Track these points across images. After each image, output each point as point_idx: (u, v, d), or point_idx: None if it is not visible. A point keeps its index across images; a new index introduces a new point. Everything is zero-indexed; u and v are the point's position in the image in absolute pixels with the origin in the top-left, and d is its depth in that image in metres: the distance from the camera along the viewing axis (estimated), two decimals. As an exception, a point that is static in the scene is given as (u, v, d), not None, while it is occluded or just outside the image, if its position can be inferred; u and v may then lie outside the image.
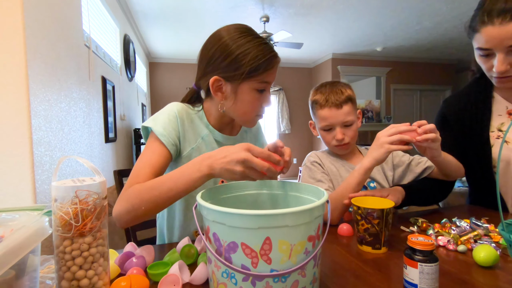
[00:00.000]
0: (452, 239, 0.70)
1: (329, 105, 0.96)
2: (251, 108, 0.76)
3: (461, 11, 3.68)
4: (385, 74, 6.07)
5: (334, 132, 0.98)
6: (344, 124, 0.98)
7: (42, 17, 1.46)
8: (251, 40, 0.71)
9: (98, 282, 0.47)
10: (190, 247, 0.65)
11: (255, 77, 0.72)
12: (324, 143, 1.05)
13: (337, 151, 1.04)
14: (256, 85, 0.73)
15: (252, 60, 0.69)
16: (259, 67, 0.70)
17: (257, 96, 0.75)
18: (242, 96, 0.74)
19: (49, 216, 0.47)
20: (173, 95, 5.77)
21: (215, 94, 0.76)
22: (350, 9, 3.65)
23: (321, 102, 0.98)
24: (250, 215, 0.41)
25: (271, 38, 3.73)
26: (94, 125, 2.23)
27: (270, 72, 0.74)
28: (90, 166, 0.48)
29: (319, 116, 1.00)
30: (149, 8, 3.51)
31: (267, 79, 0.74)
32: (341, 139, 0.97)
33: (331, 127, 0.99)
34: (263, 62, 0.70)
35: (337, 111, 0.96)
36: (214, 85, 0.74)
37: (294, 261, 0.43)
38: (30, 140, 1.29)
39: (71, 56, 1.82)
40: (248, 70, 0.70)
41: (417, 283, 0.49)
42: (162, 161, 0.71)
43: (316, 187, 0.56)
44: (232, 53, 0.70)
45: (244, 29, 0.73)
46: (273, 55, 0.73)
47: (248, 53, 0.70)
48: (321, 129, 1.01)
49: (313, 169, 1.02)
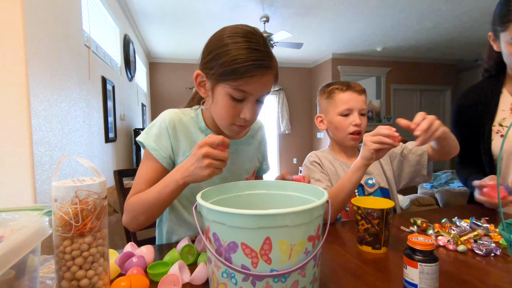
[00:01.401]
0: (452, 239, 0.70)
1: (351, 90, 1.01)
2: (225, 114, 0.70)
3: (461, 11, 3.68)
4: (385, 74, 6.07)
5: (352, 118, 1.00)
6: (361, 112, 1.01)
7: (42, 17, 1.46)
8: (238, 42, 0.64)
9: (98, 282, 0.47)
10: (190, 247, 0.65)
11: (228, 81, 0.65)
12: (336, 133, 1.05)
13: (349, 141, 1.03)
14: (230, 91, 0.66)
15: (227, 62, 0.63)
16: (233, 72, 0.63)
17: (232, 103, 0.68)
18: (217, 98, 0.69)
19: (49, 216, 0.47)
20: (173, 95, 5.77)
21: (198, 89, 0.74)
22: (350, 9, 3.65)
23: (342, 87, 1.02)
24: (250, 215, 0.41)
25: (271, 38, 3.73)
26: (94, 125, 2.23)
27: (249, 81, 0.64)
28: (90, 166, 0.48)
29: (339, 100, 1.02)
30: (149, 8, 3.51)
31: (244, 87, 0.65)
32: (359, 123, 0.99)
33: (350, 112, 1.01)
34: (239, 67, 0.62)
35: (358, 96, 1.01)
36: (197, 79, 0.72)
37: (294, 261, 0.43)
38: (30, 140, 1.29)
39: (71, 56, 1.82)
40: (221, 71, 0.64)
41: (417, 283, 0.49)
42: (156, 176, 0.75)
43: (316, 187, 0.56)
44: (213, 51, 0.66)
45: (241, 30, 0.66)
46: (255, 64, 0.63)
47: (226, 54, 0.63)
48: (340, 114, 1.01)
49: (312, 169, 1.03)
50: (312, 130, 6.60)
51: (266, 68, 0.65)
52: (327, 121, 1.07)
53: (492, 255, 0.65)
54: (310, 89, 6.50)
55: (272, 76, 0.69)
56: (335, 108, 1.03)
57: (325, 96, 1.06)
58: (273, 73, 0.69)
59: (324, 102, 1.07)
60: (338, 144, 1.09)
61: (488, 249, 0.65)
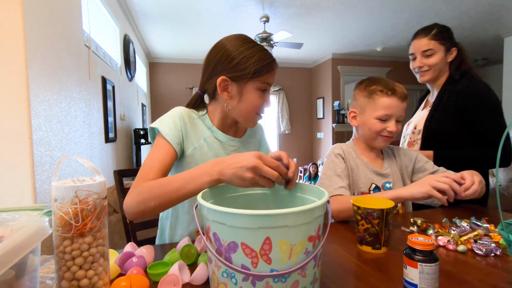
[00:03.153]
0: (452, 239, 0.70)
1: (396, 95, 0.97)
2: (254, 106, 0.83)
3: (461, 11, 3.68)
4: (385, 74, 6.07)
5: (389, 124, 0.98)
6: (398, 119, 0.99)
7: (42, 17, 1.46)
8: (253, 47, 0.80)
9: (98, 282, 0.47)
10: (190, 247, 0.65)
11: (259, 77, 0.80)
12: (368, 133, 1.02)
13: (379, 142, 1.01)
14: (259, 85, 0.81)
15: (256, 62, 0.78)
16: (262, 69, 0.79)
17: (260, 95, 0.82)
18: (247, 95, 0.81)
19: (49, 216, 0.47)
20: (173, 95, 5.77)
21: (222, 94, 0.82)
22: (350, 9, 3.64)
23: (387, 91, 0.97)
24: (250, 215, 0.41)
25: (271, 38, 3.73)
26: (94, 125, 2.23)
27: (271, 74, 0.82)
28: (90, 166, 0.48)
29: (380, 104, 0.98)
30: (149, 8, 3.51)
31: (268, 80, 0.82)
32: (395, 131, 0.98)
33: (389, 118, 0.98)
34: (265, 64, 0.79)
35: (401, 104, 0.98)
36: (221, 85, 0.81)
37: (294, 261, 0.43)
38: (30, 140, 1.29)
39: (71, 56, 1.82)
40: (253, 70, 0.78)
41: (417, 283, 0.49)
42: (169, 157, 0.76)
43: (317, 188, 0.56)
44: (237, 57, 0.78)
45: (243, 38, 0.82)
46: (272, 60, 0.82)
47: (252, 57, 0.78)
48: (378, 118, 0.98)
49: (336, 162, 1.01)
50: (312, 130, 6.60)
51: (276, 62, 0.83)
52: (361, 119, 1.03)
53: (492, 255, 0.65)
54: (310, 89, 6.50)
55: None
56: (374, 110, 0.99)
57: (364, 94, 1.01)
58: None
59: (362, 100, 1.02)
60: (365, 142, 1.06)
61: (488, 249, 0.65)
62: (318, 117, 6.23)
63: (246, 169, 0.56)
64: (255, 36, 3.76)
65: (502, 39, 4.55)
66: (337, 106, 5.65)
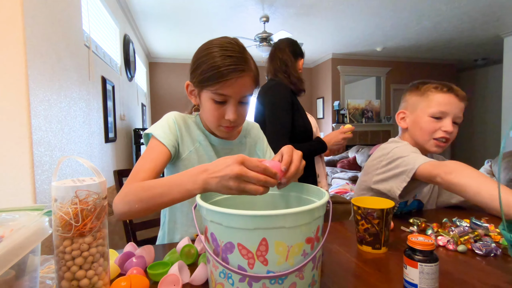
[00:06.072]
0: (452, 239, 0.70)
1: (452, 92, 0.91)
2: (211, 117, 0.76)
3: (460, 11, 3.68)
4: (385, 74, 6.07)
5: (444, 123, 0.90)
6: (456, 120, 0.91)
7: (42, 17, 1.46)
8: (214, 52, 0.71)
9: (98, 282, 0.47)
10: (190, 247, 0.65)
11: (208, 87, 0.71)
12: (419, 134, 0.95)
13: (432, 146, 0.93)
14: (212, 95, 0.72)
15: (205, 70, 0.70)
16: (211, 78, 0.70)
17: (215, 106, 0.74)
18: (203, 103, 0.77)
19: (49, 216, 0.47)
20: (173, 95, 5.77)
21: (190, 98, 0.82)
22: (350, 9, 3.64)
23: (442, 87, 0.91)
24: (245, 215, 0.40)
25: (271, 38, 3.73)
26: (94, 125, 2.23)
27: (226, 84, 0.70)
28: (90, 166, 0.48)
29: (435, 100, 0.91)
30: (149, 8, 3.51)
31: (222, 91, 0.71)
32: (451, 131, 0.90)
33: (444, 115, 0.90)
34: (215, 73, 0.69)
35: (458, 102, 0.91)
36: (188, 89, 0.81)
37: (291, 263, 0.42)
38: (30, 140, 1.29)
39: (71, 56, 1.82)
40: (201, 79, 0.72)
41: (417, 283, 0.49)
42: (161, 157, 0.74)
43: (317, 188, 0.56)
44: (195, 61, 0.75)
45: (219, 41, 0.73)
46: (229, 68, 0.69)
47: (204, 63, 0.71)
48: (431, 115, 0.91)
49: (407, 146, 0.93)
50: (312, 130, 6.60)
51: (240, 72, 0.70)
52: (411, 120, 0.96)
53: (492, 255, 0.65)
54: (310, 89, 6.49)
55: (249, 78, 0.73)
56: (427, 107, 0.92)
57: (416, 93, 0.96)
58: (249, 76, 0.73)
59: (414, 99, 0.96)
60: (415, 145, 0.96)
61: (488, 249, 0.65)
62: (318, 117, 6.23)
63: (229, 178, 0.50)
64: (255, 36, 3.76)
65: (502, 39, 4.55)
66: (337, 106, 5.66)
